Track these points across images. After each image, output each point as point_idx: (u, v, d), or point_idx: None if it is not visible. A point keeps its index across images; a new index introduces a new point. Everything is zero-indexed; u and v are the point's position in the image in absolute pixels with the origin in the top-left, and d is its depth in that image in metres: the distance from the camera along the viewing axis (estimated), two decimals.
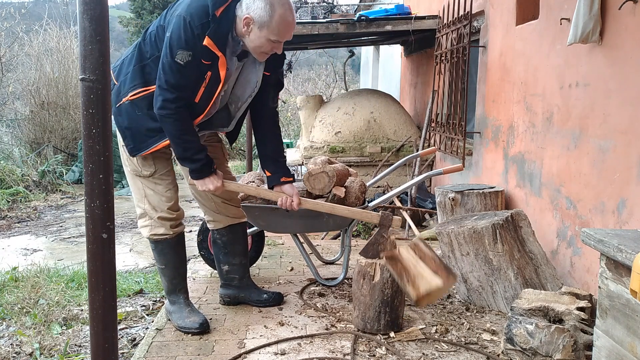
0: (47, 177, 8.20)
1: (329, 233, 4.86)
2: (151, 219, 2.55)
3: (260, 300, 2.88)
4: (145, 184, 2.54)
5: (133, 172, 2.54)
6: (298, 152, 6.54)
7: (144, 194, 2.54)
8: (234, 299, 2.89)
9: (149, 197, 2.53)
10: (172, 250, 2.59)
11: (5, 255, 4.83)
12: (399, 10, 5.84)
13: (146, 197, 2.54)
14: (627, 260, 1.62)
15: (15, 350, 2.62)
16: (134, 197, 2.59)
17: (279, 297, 2.91)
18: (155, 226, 2.55)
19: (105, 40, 1.53)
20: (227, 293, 2.89)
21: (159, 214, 2.54)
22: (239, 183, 2.74)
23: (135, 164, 2.51)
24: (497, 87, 4.16)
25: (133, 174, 2.54)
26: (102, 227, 1.58)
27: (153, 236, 2.57)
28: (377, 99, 6.33)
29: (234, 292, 2.89)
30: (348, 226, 3.03)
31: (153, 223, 2.55)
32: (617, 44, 2.62)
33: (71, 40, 10.33)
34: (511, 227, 2.78)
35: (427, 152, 3.70)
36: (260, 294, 2.89)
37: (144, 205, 2.54)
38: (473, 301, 2.90)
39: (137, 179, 2.54)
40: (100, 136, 1.54)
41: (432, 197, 5.41)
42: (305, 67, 21.15)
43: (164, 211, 2.54)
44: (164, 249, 2.58)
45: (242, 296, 2.88)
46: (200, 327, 2.52)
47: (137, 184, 2.55)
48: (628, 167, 2.52)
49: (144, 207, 2.54)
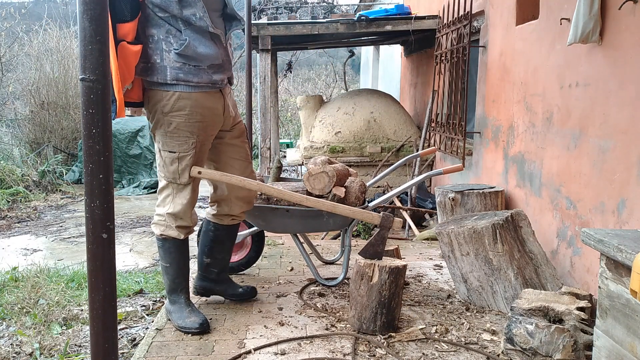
0: (47, 177, 8.21)
1: (329, 233, 4.86)
2: (168, 222, 2.54)
3: (235, 294, 2.89)
4: (176, 192, 2.52)
5: (167, 179, 2.51)
6: (298, 152, 6.54)
7: (171, 200, 2.53)
8: (208, 291, 2.90)
9: (175, 204, 2.52)
10: (178, 249, 2.59)
11: (5, 255, 4.83)
12: (399, 10, 5.85)
13: (172, 204, 2.52)
14: (627, 260, 1.62)
15: (15, 350, 2.62)
16: (160, 199, 2.56)
17: (253, 290, 2.93)
18: (170, 229, 2.54)
19: (105, 40, 1.53)
20: (203, 285, 2.90)
21: (178, 222, 2.53)
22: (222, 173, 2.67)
23: (175, 171, 2.48)
24: (497, 87, 4.16)
25: (166, 180, 2.51)
26: (102, 227, 1.58)
27: (163, 236, 2.57)
28: (377, 99, 6.33)
29: (209, 285, 2.89)
30: (348, 226, 3.03)
31: (169, 226, 2.54)
32: (617, 44, 2.62)
33: (71, 40, 10.33)
34: (511, 227, 2.78)
35: (427, 152, 3.70)
36: (235, 288, 2.91)
37: (167, 209, 2.53)
38: (473, 301, 2.90)
39: (170, 185, 2.52)
40: (100, 136, 1.54)
41: (432, 197, 5.41)
42: (305, 67, 21.15)
43: (184, 220, 2.54)
44: (170, 247, 2.58)
45: (218, 290, 2.90)
46: (200, 327, 2.52)
47: (168, 190, 2.53)
48: (628, 167, 2.52)
49: (166, 211, 2.53)
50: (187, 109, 2.43)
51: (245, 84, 5.05)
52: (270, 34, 5.76)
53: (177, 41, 2.39)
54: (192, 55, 2.41)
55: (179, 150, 2.46)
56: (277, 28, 5.77)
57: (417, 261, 3.76)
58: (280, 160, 3.77)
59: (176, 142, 2.46)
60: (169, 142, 2.46)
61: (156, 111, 2.45)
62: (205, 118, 2.49)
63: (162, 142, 2.47)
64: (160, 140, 2.48)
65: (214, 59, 2.48)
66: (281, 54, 10.24)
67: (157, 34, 2.39)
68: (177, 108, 2.42)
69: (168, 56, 2.39)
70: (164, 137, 2.46)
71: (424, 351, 2.35)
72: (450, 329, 2.58)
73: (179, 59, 2.39)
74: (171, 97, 2.41)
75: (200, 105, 2.46)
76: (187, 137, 2.46)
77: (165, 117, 2.43)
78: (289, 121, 15.06)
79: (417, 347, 2.39)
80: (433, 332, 2.54)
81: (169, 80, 2.39)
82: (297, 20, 6.32)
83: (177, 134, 2.45)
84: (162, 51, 2.39)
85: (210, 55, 2.46)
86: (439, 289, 3.15)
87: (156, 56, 2.39)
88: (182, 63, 2.40)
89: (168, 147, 2.47)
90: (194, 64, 2.42)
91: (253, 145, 6.54)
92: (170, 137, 2.45)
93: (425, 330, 2.56)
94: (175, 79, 2.40)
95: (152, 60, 2.39)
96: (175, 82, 2.40)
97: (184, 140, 2.46)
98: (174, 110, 2.42)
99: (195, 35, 2.41)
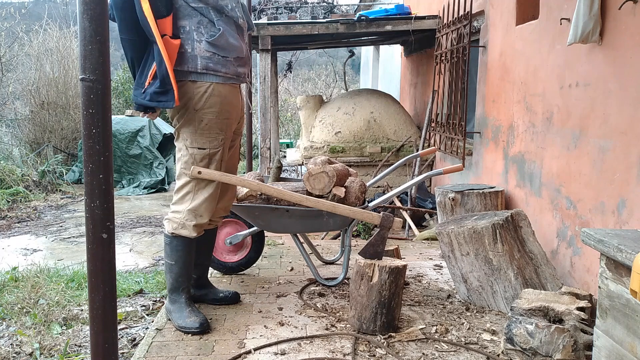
0: (47, 177, 8.21)
1: (329, 233, 4.86)
2: (184, 220, 2.53)
3: (216, 298, 2.89)
4: (198, 188, 2.53)
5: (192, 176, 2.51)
6: (298, 152, 6.54)
7: (191, 197, 2.53)
8: None
9: (197, 200, 2.52)
10: (186, 248, 2.59)
11: (5, 255, 4.83)
12: (399, 10, 5.85)
13: (193, 200, 2.53)
14: (627, 260, 1.62)
15: (15, 350, 2.63)
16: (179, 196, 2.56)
17: (235, 296, 2.92)
18: (183, 228, 2.54)
19: (105, 40, 1.53)
20: None
21: (197, 220, 2.54)
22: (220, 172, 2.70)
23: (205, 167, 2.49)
24: (497, 87, 4.16)
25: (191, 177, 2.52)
26: (102, 227, 1.58)
27: (174, 234, 2.56)
28: (377, 99, 6.33)
29: None
30: (348, 226, 3.03)
31: (183, 224, 2.54)
32: (617, 44, 2.62)
33: (71, 40, 10.34)
34: (511, 227, 2.78)
35: (427, 152, 3.70)
36: (216, 292, 2.91)
37: (187, 205, 2.53)
38: (473, 301, 2.90)
39: (193, 182, 2.53)
40: (100, 136, 1.55)
41: (432, 197, 5.42)
42: (305, 67, 21.15)
43: (203, 217, 2.55)
44: (178, 245, 2.57)
45: (199, 295, 2.90)
46: (200, 327, 2.52)
47: (190, 187, 2.53)
48: (628, 167, 2.52)
49: (187, 207, 2.53)
50: (217, 106, 2.49)
51: (245, 84, 5.05)
52: (270, 34, 5.76)
53: (208, 31, 2.46)
54: (222, 45, 2.48)
55: (210, 147, 2.51)
56: (277, 28, 5.77)
57: (417, 261, 3.76)
58: (280, 160, 3.77)
59: (207, 138, 2.51)
60: (199, 139, 2.50)
61: (187, 108, 2.48)
62: (231, 115, 2.58)
63: (192, 139, 2.51)
64: (189, 137, 2.51)
65: (240, 52, 2.56)
66: (281, 54, 10.24)
67: (189, 25, 2.45)
68: (209, 105, 2.48)
69: (199, 46, 2.45)
70: (193, 134, 2.50)
71: (424, 351, 2.35)
72: (450, 329, 2.58)
73: (210, 49, 2.45)
74: (202, 91, 2.46)
75: (229, 102, 2.54)
76: (217, 133, 2.52)
77: (197, 114, 2.48)
78: (289, 121, 15.06)
79: (417, 347, 2.39)
80: (433, 332, 2.54)
81: (199, 69, 2.45)
82: (297, 20, 6.32)
83: (209, 131, 2.50)
84: (193, 41, 2.45)
85: (238, 47, 2.55)
86: (439, 289, 3.15)
87: (187, 46, 2.45)
88: (212, 53, 2.46)
89: (198, 144, 2.50)
90: (222, 55, 2.48)
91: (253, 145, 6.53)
92: (201, 134, 2.50)
93: (425, 330, 2.56)
94: (205, 67, 2.46)
95: (182, 50, 2.45)
96: (205, 72, 2.46)
97: (214, 137, 2.52)
98: (205, 107, 2.48)
99: (226, 27, 2.49)
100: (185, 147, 2.53)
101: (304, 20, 6.38)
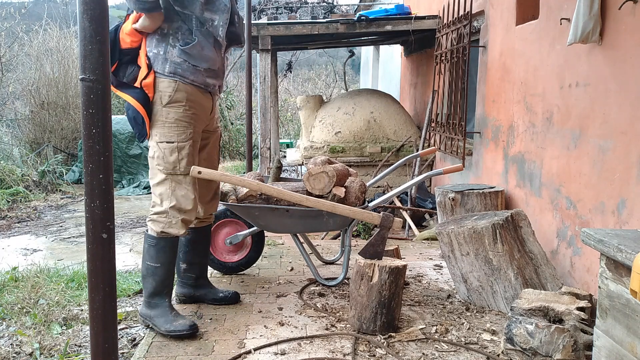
0: (47, 177, 8.21)
1: (329, 233, 4.86)
2: (170, 218, 2.52)
3: (216, 299, 2.88)
4: (176, 184, 2.52)
5: (165, 171, 2.52)
6: (298, 152, 6.54)
7: (170, 194, 2.52)
8: (190, 297, 2.90)
9: (177, 197, 2.52)
10: (172, 249, 2.58)
11: (5, 255, 4.83)
12: (399, 10, 5.85)
13: (173, 197, 2.51)
14: (627, 260, 1.62)
15: (15, 350, 2.63)
16: (157, 195, 2.55)
17: (235, 296, 2.91)
18: (171, 226, 2.52)
19: (105, 40, 1.53)
20: (183, 292, 2.90)
21: (182, 215, 2.53)
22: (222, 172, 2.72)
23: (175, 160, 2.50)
24: (497, 87, 4.16)
25: (165, 172, 2.52)
26: (102, 227, 1.58)
27: (163, 234, 2.54)
28: (377, 99, 6.33)
29: (189, 291, 2.90)
30: (348, 226, 3.03)
31: (170, 222, 2.52)
32: (617, 44, 2.62)
33: (71, 40, 10.34)
34: (511, 227, 2.78)
35: (427, 152, 3.70)
36: (216, 292, 2.90)
37: (169, 203, 2.52)
38: (473, 301, 2.90)
39: (169, 178, 2.52)
40: (100, 136, 1.54)
41: (432, 197, 5.42)
42: (305, 67, 21.15)
43: (188, 213, 2.54)
44: (166, 246, 2.56)
45: (198, 295, 2.90)
46: (190, 330, 2.48)
47: (166, 184, 2.53)
48: (628, 167, 2.52)
49: (168, 205, 2.52)
50: (184, 101, 2.52)
51: (245, 84, 5.05)
52: (270, 34, 5.76)
53: (184, 38, 2.50)
54: (195, 55, 2.51)
55: (177, 140, 2.52)
56: (277, 28, 5.77)
57: (417, 261, 3.76)
58: (280, 160, 3.77)
59: (175, 132, 2.52)
60: (167, 133, 2.52)
61: (155, 105, 2.52)
62: (198, 111, 2.60)
63: (160, 133, 2.52)
64: (158, 132, 2.53)
65: (212, 64, 2.59)
66: (281, 54, 10.24)
67: (167, 28, 2.50)
68: (175, 100, 2.51)
69: (172, 50, 2.50)
70: (162, 128, 2.52)
71: (424, 351, 2.35)
72: (450, 329, 2.58)
73: (182, 55, 2.49)
74: (167, 85, 2.50)
75: (194, 99, 2.57)
76: (185, 127, 2.53)
77: (163, 109, 2.51)
78: (289, 121, 15.06)
79: (417, 347, 2.39)
80: (433, 332, 2.54)
81: (166, 72, 2.50)
82: (297, 20, 6.32)
83: (176, 124, 2.52)
84: (167, 45, 2.50)
85: (211, 58, 2.58)
86: (439, 289, 3.15)
87: (160, 48, 2.51)
88: (183, 60, 2.50)
89: (166, 137, 2.52)
90: (193, 63, 2.52)
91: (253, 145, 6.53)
92: (169, 128, 2.51)
93: (425, 330, 2.56)
94: (173, 72, 2.50)
95: (155, 51, 2.51)
96: (172, 75, 2.50)
97: (182, 130, 2.53)
98: (171, 102, 2.51)
99: (203, 38, 2.53)
100: (155, 143, 2.54)
101: (304, 20, 6.38)
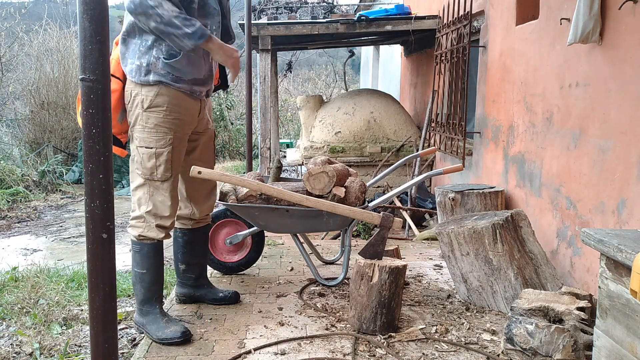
0: (47, 177, 8.21)
1: (329, 233, 4.86)
2: (147, 223, 2.49)
3: (216, 298, 2.88)
4: (153, 190, 2.49)
5: (144, 176, 2.49)
6: (298, 152, 6.54)
7: (147, 198, 2.49)
8: (189, 297, 2.90)
9: (154, 202, 2.48)
10: (156, 253, 2.53)
11: (5, 255, 4.83)
12: (399, 10, 5.85)
13: (150, 202, 2.48)
14: (627, 260, 1.62)
15: (15, 350, 2.63)
16: (136, 200, 2.53)
17: (235, 295, 2.91)
18: (149, 229, 2.49)
19: (105, 40, 1.53)
20: (183, 292, 2.90)
21: (158, 221, 2.49)
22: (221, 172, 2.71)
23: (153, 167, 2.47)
24: (497, 87, 4.16)
25: (143, 177, 2.49)
26: (102, 227, 1.58)
27: (141, 237, 2.50)
28: (377, 99, 6.33)
29: (189, 291, 2.89)
30: (348, 226, 3.03)
31: (148, 226, 2.49)
32: (617, 44, 2.62)
33: (71, 40, 10.34)
34: (511, 227, 2.78)
35: (427, 152, 3.70)
36: (215, 292, 2.90)
37: (146, 208, 2.49)
38: (473, 301, 2.90)
39: (147, 184, 2.49)
40: (100, 136, 1.54)
41: (432, 197, 5.41)
42: (305, 67, 21.16)
43: (164, 219, 2.51)
44: (149, 251, 2.51)
45: (198, 295, 2.89)
46: (182, 336, 2.43)
47: (144, 189, 2.50)
48: (628, 167, 2.52)
49: (145, 210, 2.49)
50: (165, 105, 2.45)
51: (245, 84, 5.05)
52: (270, 34, 5.76)
53: (168, 50, 2.42)
54: (179, 68, 2.45)
55: (156, 146, 2.46)
56: (277, 28, 5.77)
57: (417, 261, 3.76)
58: (280, 160, 3.77)
59: (154, 137, 2.46)
60: (146, 138, 2.47)
61: (136, 106, 2.46)
62: (182, 116, 2.52)
63: (140, 138, 2.48)
64: (138, 137, 2.48)
65: (198, 74, 2.53)
66: (281, 54, 10.24)
67: (151, 39, 2.42)
68: (156, 104, 2.44)
69: (155, 62, 2.42)
70: (141, 133, 2.47)
71: (424, 351, 2.35)
72: (450, 329, 2.58)
73: (166, 68, 2.43)
74: (149, 90, 2.44)
75: (178, 103, 2.49)
76: (164, 132, 2.47)
77: (144, 113, 2.45)
78: (289, 121, 15.07)
79: (417, 347, 2.39)
80: (433, 332, 2.54)
81: (151, 81, 2.43)
82: (297, 20, 6.32)
83: (155, 130, 2.46)
84: (150, 56, 2.42)
85: (197, 69, 2.52)
86: (439, 289, 3.15)
87: (143, 59, 2.43)
88: (167, 72, 2.44)
89: (145, 142, 2.47)
90: (177, 75, 2.46)
91: (253, 145, 6.53)
92: (148, 133, 2.46)
93: (425, 330, 2.56)
94: (157, 82, 2.44)
95: (138, 63, 2.43)
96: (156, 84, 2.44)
97: (161, 136, 2.47)
98: (152, 106, 2.44)
99: None
100: (135, 147, 2.50)
101: (304, 20, 6.38)
